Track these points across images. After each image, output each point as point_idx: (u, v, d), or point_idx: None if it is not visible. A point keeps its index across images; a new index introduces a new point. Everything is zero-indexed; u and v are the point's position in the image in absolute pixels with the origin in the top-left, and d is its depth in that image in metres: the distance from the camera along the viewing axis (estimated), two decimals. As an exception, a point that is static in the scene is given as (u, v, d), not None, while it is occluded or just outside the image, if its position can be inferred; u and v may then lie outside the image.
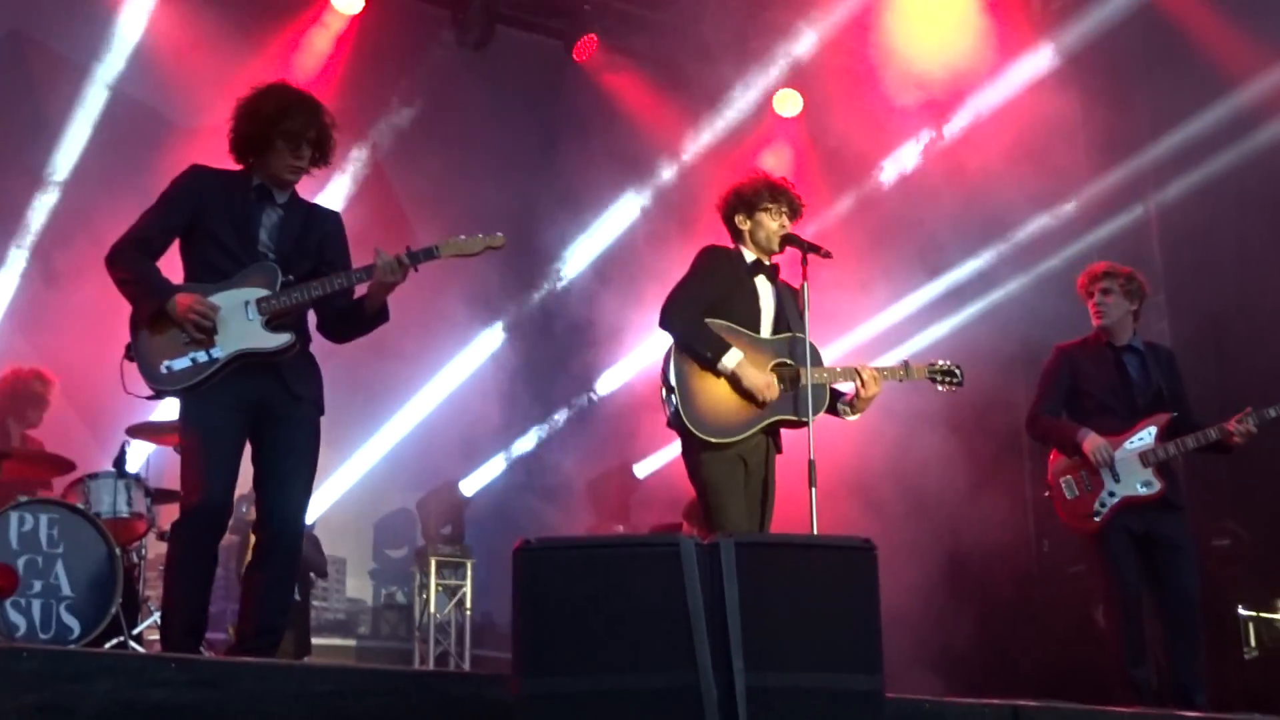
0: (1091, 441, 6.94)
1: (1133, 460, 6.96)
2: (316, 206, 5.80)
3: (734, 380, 5.96)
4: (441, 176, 11.09)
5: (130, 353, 5.40)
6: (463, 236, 5.66)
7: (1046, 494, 7.25)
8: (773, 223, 6.24)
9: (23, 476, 7.92)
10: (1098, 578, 7.24)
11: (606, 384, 12.38)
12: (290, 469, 5.43)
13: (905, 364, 6.30)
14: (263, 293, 5.40)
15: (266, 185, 5.58)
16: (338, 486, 11.66)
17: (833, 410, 6.27)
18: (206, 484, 5.25)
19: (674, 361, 6.01)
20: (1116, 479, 6.94)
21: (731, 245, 6.36)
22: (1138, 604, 6.82)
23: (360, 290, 5.64)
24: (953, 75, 10.94)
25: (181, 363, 5.30)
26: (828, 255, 6.13)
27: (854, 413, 6.26)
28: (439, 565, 11.92)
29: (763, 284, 6.28)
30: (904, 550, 9.22)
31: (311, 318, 5.75)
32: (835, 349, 6.55)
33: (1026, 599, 11.68)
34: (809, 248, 6.12)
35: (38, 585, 6.62)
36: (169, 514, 7.30)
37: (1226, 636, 10.52)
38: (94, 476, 7.55)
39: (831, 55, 11.31)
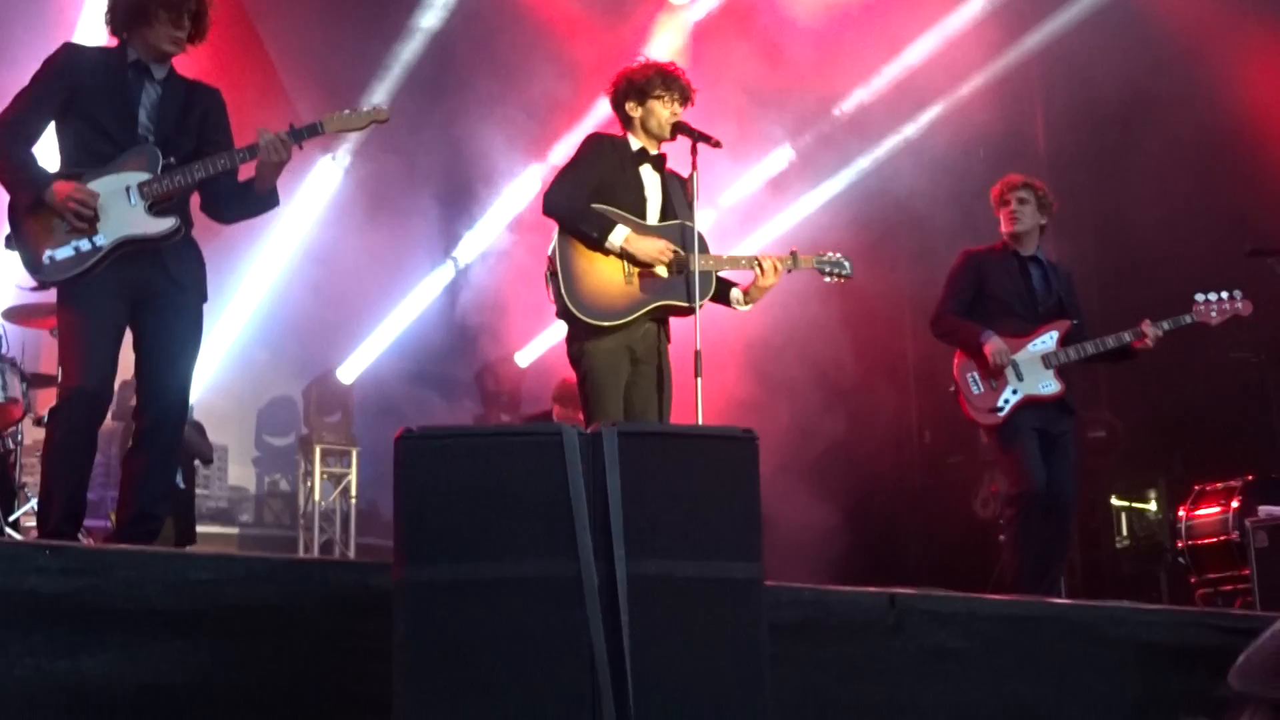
0: (994, 345, 7.11)
1: (1035, 361, 7.15)
2: (197, 84, 5.61)
3: (625, 255, 5.96)
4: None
5: (10, 243, 5.27)
6: (347, 111, 5.54)
7: (951, 389, 7.39)
8: (664, 110, 6.18)
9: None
10: (1004, 471, 7.57)
11: (484, 265, 12.21)
12: (172, 355, 5.34)
13: (793, 254, 6.31)
14: (144, 176, 5.24)
15: (144, 60, 5.41)
16: (218, 371, 11.47)
17: (724, 300, 6.28)
18: (85, 368, 5.15)
19: (558, 246, 5.99)
20: (1020, 378, 7.13)
21: (619, 133, 6.31)
22: (1043, 494, 7.00)
23: (246, 171, 5.51)
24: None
25: (64, 252, 5.16)
26: (718, 144, 6.12)
27: (747, 303, 6.28)
28: (324, 453, 11.87)
29: (648, 173, 6.25)
30: (788, 438, 9.32)
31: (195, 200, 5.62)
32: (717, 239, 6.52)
33: (908, 489, 11.91)
34: (699, 136, 6.10)
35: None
36: (45, 399, 7.20)
37: (1099, 526, 10.84)
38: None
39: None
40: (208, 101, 5.58)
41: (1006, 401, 7.12)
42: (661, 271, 6.06)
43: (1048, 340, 7.20)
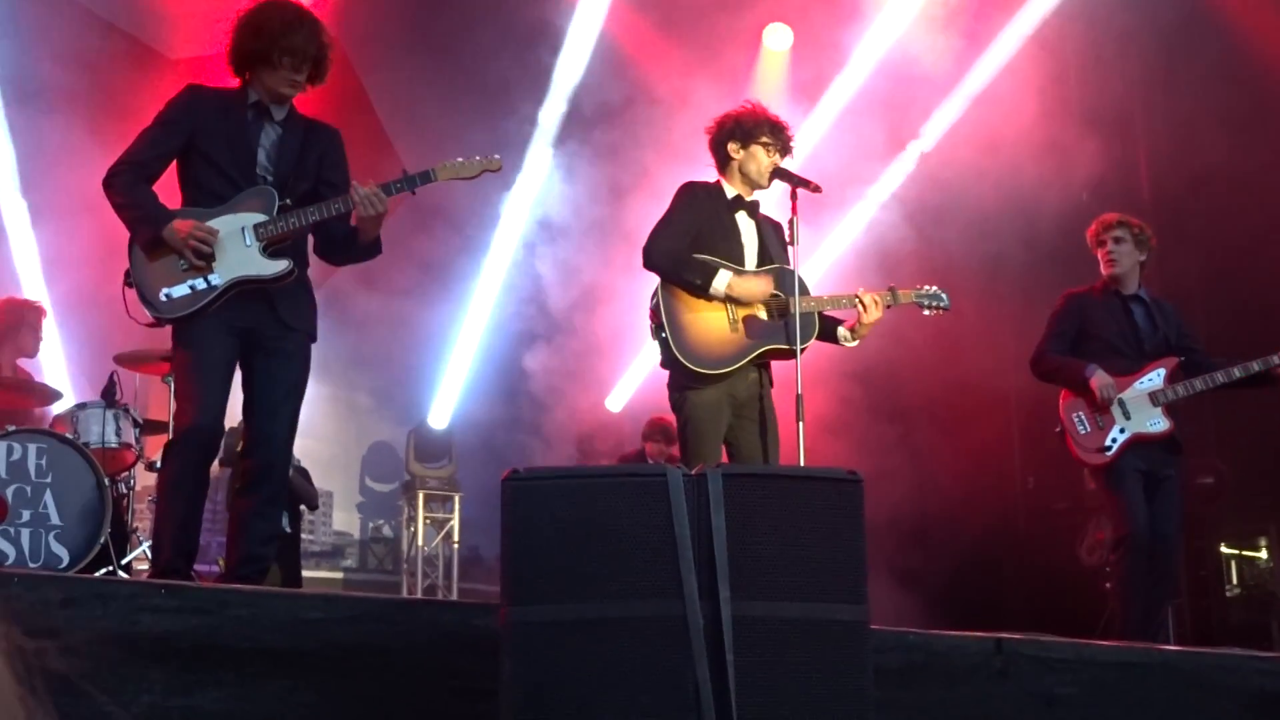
0: (1100, 379, 7.03)
1: (1143, 399, 7.06)
2: (315, 123, 5.71)
3: (729, 300, 6.01)
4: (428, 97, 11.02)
5: (129, 279, 5.37)
6: (459, 159, 5.58)
7: (1058, 430, 7.29)
8: (765, 158, 6.23)
9: (12, 406, 7.92)
10: (1109, 514, 7.47)
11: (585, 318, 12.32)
12: (279, 399, 5.43)
13: (891, 289, 6.34)
14: (260, 218, 5.34)
15: (264, 102, 5.51)
16: (322, 417, 11.65)
17: (831, 338, 6.32)
18: (200, 407, 5.24)
19: (662, 297, 6.04)
20: (1127, 416, 7.04)
21: (712, 180, 6.36)
22: (1147, 538, 6.91)
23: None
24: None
25: (180, 290, 5.27)
26: (817, 189, 6.14)
27: (854, 339, 6.32)
28: (427, 498, 11.97)
29: (744, 219, 6.29)
30: (891, 483, 9.27)
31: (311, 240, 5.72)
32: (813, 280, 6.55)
33: (1012, 535, 11.77)
34: (799, 181, 6.13)
35: (26, 514, 6.63)
36: (157, 445, 7.34)
37: (1209, 574, 10.63)
38: (82, 406, 7.56)
39: None
40: (326, 141, 5.67)
41: (1114, 440, 7.03)
42: (763, 316, 6.09)
43: (1155, 378, 7.10)
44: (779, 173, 6.21)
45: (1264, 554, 10.76)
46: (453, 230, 11.82)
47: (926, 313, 6.43)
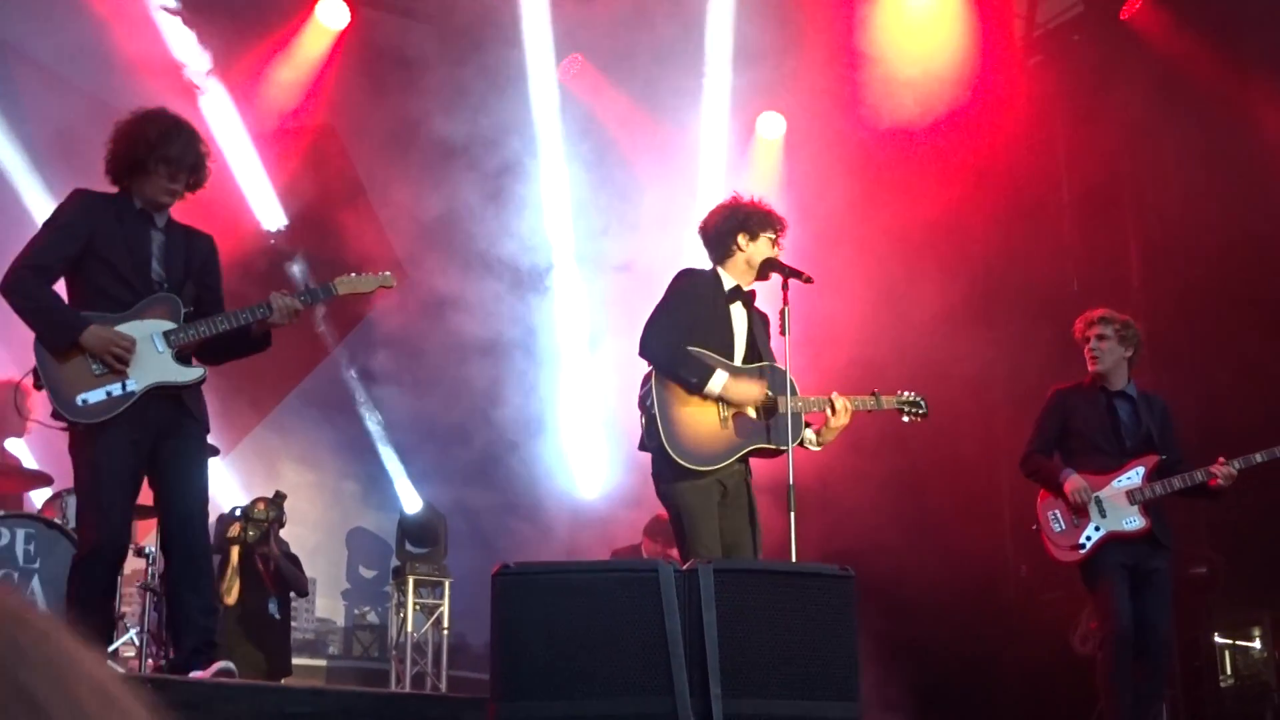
0: (1073, 483, 7.11)
1: (1119, 497, 7.11)
2: (192, 230, 5.83)
3: (722, 401, 6.01)
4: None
5: (39, 381, 5.39)
6: (353, 275, 5.87)
7: (1034, 528, 7.37)
8: (769, 250, 6.28)
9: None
10: (1095, 610, 7.42)
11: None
12: (193, 480, 5.54)
13: (875, 394, 6.37)
14: (169, 325, 5.46)
15: (146, 209, 5.60)
16: (308, 504, 11.60)
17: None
18: (109, 521, 5.33)
19: (655, 389, 6.02)
20: (1103, 514, 7.10)
21: (707, 267, 6.38)
22: (1131, 634, 6.93)
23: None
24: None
25: (97, 395, 5.31)
26: (809, 280, 6.15)
27: (819, 442, 6.32)
28: (416, 584, 11.88)
29: (737, 311, 6.30)
30: (881, 572, 9.22)
31: None
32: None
33: (1004, 624, 11.71)
34: (790, 272, 6.14)
35: (13, 601, 6.57)
36: (146, 529, 7.30)
37: (1203, 665, 10.56)
38: (71, 491, 7.51)
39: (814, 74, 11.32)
40: (206, 249, 5.82)
41: (1089, 539, 7.09)
42: (752, 414, 6.10)
43: (1134, 476, 7.14)
44: (770, 263, 6.22)
45: (1258, 644, 10.70)
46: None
47: (906, 419, 6.48)
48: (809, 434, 6.28)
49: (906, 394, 6.48)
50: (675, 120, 11.63)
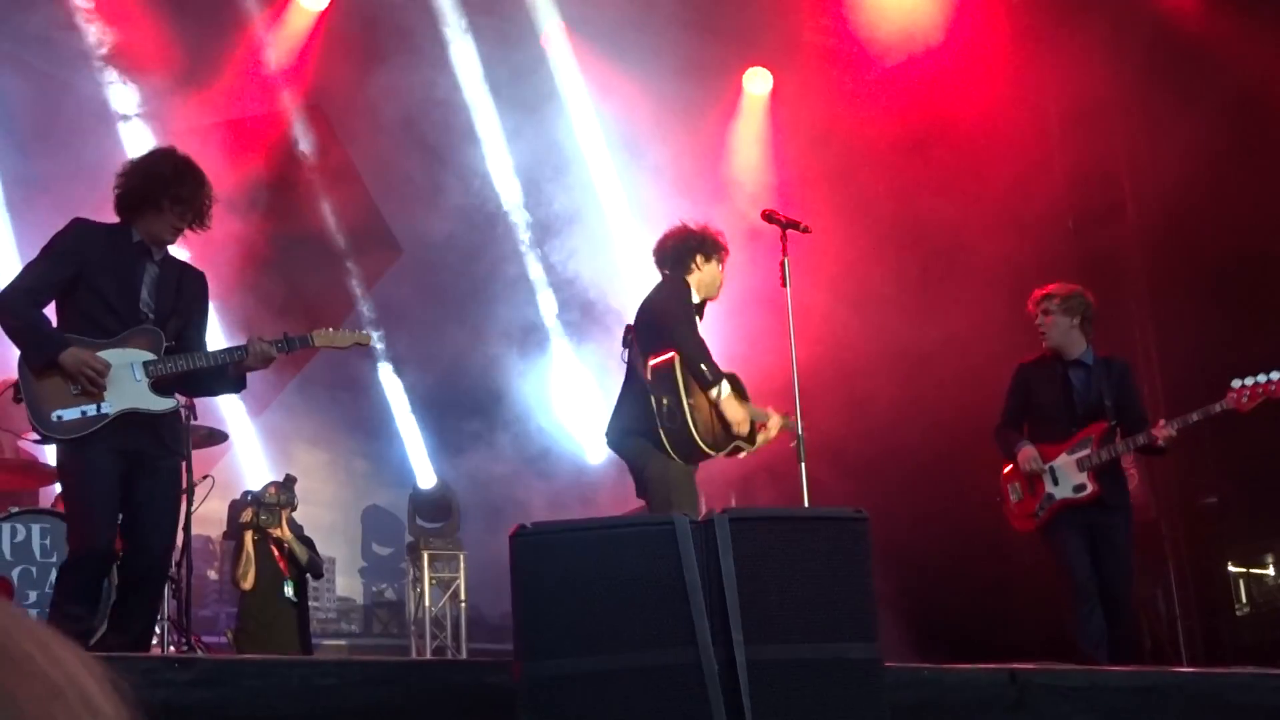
0: (1024, 454, 7.42)
1: (1070, 466, 7.37)
2: (187, 266, 5.99)
3: (715, 407, 6.38)
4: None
5: (19, 395, 5.53)
6: (331, 329, 6.12)
7: (998, 499, 7.75)
8: (720, 274, 6.70)
9: (14, 488, 7.92)
10: (1056, 570, 7.63)
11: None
12: (160, 515, 5.65)
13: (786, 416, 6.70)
14: (149, 356, 5.56)
15: (145, 242, 5.71)
16: (322, 484, 11.63)
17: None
18: (96, 531, 5.44)
19: (680, 379, 6.33)
20: (1056, 483, 7.38)
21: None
22: (1090, 589, 7.20)
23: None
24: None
25: (72, 414, 5.43)
26: (806, 230, 6.30)
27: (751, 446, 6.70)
28: (431, 559, 11.92)
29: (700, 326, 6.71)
30: (896, 519, 9.24)
31: None
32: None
33: (1019, 564, 11.74)
34: (788, 224, 6.29)
35: (33, 595, 6.64)
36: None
37: (1217, 594, 10.60)
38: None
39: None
40: (196, 285, 5.94)
41: (1042, 507, 7.41)
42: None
43: (1084, 444, 7.38)
44: (769, 215, 6.38)
45: (1272, 571, 10.75)
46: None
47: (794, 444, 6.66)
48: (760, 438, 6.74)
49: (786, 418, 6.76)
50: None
